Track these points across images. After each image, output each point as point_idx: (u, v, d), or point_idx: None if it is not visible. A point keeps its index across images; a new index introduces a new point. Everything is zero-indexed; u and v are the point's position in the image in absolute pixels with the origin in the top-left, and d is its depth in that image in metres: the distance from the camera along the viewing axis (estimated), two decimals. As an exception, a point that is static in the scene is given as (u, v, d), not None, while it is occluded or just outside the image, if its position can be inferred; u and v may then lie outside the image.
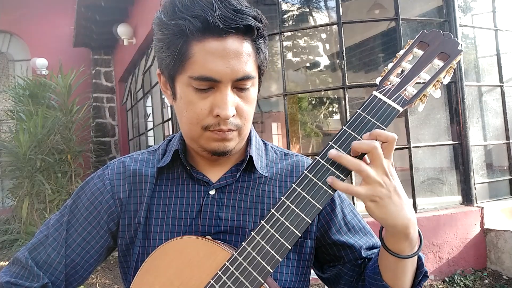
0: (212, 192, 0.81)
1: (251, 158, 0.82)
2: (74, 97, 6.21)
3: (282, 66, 3.85)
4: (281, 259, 0.65)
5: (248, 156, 0.82)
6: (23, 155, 5.38)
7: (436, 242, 3.38)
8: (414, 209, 3.51)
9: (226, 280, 0.66)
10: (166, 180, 0.84)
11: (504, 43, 4.16)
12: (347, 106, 3.65)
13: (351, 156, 0.65)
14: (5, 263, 4.75)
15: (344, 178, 0.66)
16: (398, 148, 3.46)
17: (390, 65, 0.71)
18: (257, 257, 0.65)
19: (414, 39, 0.71)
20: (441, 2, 3.74)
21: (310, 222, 0.65)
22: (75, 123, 6.15)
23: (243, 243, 0.67)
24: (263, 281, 0.64)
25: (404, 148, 3.56)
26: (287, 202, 0.66)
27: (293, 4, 4.82)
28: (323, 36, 5.80)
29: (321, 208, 0.65)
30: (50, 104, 6.13)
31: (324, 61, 6.28)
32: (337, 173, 0.66)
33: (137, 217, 0.81)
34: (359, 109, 0.68)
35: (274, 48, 4.22)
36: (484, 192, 3.88)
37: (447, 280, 3.32)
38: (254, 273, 0.65)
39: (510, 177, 4.06)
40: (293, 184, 0.67)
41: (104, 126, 7.68)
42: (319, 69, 6.56)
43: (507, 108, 4.08)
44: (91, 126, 7.39)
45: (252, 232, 0.66)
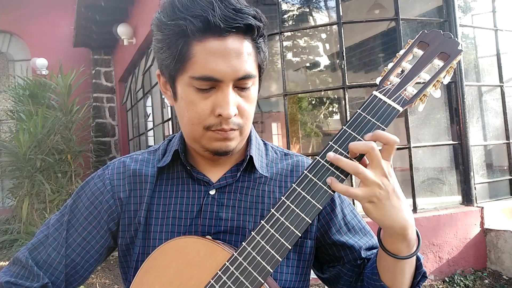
0: (212, 192, 0.81)
1: (251, 158, 0.82)
2: (74, 97, 6.22)
3: (282, 66, 3.85)
4: (281, 259, 0.65)
5: (248, 156, 0.82)
6: (23, 155, 5.38)
7: (436, 242, 3.38)
8: (414, 209, 3.52)
9: (226, 280, 0.66)
10: (166, 180, 0.84)
11: (504, 43, 4.16)
12: (347, 106, 3.65)
13: (350, 157, 0.65)
14: (5, 263, 4.75)
15: (344, 178, 0.66)
16: (398, 148, 3.45)
17: (390, 65, 0.71)
18: (257, 257, 0.65)
19: (414, 39, 0.71)
20: (441, 2, 3.74)
21: (310, 222, 0.65)
22: (75, 123, 6.15)
23: (243, 243, 0.67)
24: (263, 281, 0.64)
25: (404, 148, 3.56)
26: (287, 202, 0.66)
27: (293, 4, 4.82)
28: (323, 36, 5.79)
29: (321, 208, 0.65)
30: (50, 104, 6.13)
31: (324, 61, 6.28)
32: (337, 173, 0.66)
33: (137, 217, 0.81)
34: (359, 109, 0.68)
35: (274, 48, 4.21)
36: (484, 192, 3.87)
37: (447, 280, 3.32)
38: (254, 273, 0.65)
39: (510, 177, 4.06)
40: (293, 184, 0.67)
41: (104, 126, 7.68)
42: (319, 69, 6.56)
43: (507, 108, 4.08)
44: (91, 126, 7.39)
45: (252, 232, 0.66)
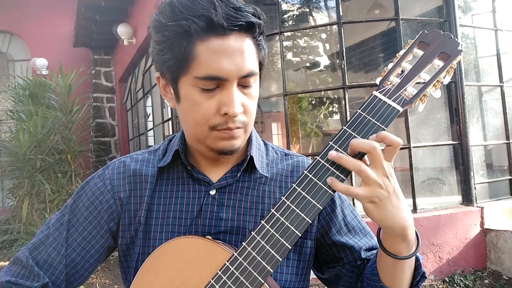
0: (213, 192, 0.81)
1: (252, 158, 0.82)
2: (74, 97, 6.22)
3: (282, 66, 3.85)
4: (281, 259, 0.65)
5: (249, 156, 0.82)
6: (23, 155, 5.38)
7: (436, 242, 3.38)
8: (414, 209, 3.52)
9: (226, 280, 0.66)
10: (167, 180, 0.84)
11: (504, 43, 4.16)
12: (347, 106, 3.65)
13: (351, 156, 0.66)
14: (5, 263, 4.75)
15: (344, 178, 0.66)
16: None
17: (390, 65, 0.71)
18: (257, 257, 0.65)
19: (414, 39, 0.71)
20: (441, 2, 3.74)
21: (310, 222, 0.65)
22: (75, 123, 6.15)
23: (243, 243, 0.67)
24: (263, 281, 0.64)
25: (404, 148, 3.56)
26: (287, 202, 0.66)
27: (293, 4, 4.82)
28: (323, 36, 5.80)
29: (321, 208, 0.65)
30: (50, 104, 6.13)
31: (324, 61, 6.28)
32: (337, 173, 0.66)
33: (138, 217, 0.81)
34: (359, 109, 0.68)
35: (274, 48, 4.21)
36: (484, 192, 3.87)
37: (447, 280, 3.32)
38: (254, 273, 0.65)
39: (510, 177, 4.06)
40: (293, 184, 0.67)
41: (104, 126, 7.68)
42: (319, 69, 6.56)
43: (507, 108, 4.08)
44: (91, 126, 7.39)
45: (252, 232, 0.66)
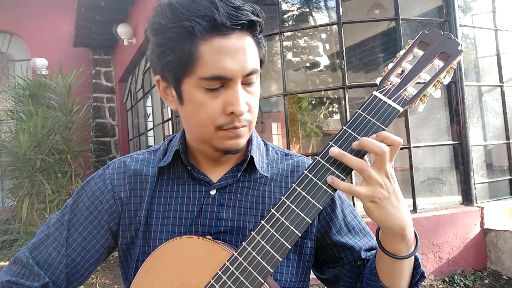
0: (213, 192, 0.81)
1: (252, 158, 0.82)
2: (74, 97, 6.21)
3: (282, 66, 3.84)
4: (281, 259, 0.65)
5: (249, 156, 0.82)
6: (23, 155, 5.38)
7: (436, 242, 3.38)
8: (414, 209, 3.52)
9: (227, 280, 0.66)
10: (167, 180, 0.84)
11: (504, 43, 4.16)
12: (347, 106, 3.64)
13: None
14: (5, 263, 4.75)
15: (344, 178, 0.66)
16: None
17: (391, 65, 0.71)
18: (257, 257, 0.65)
19: (415, 39, 0.71)
20: (441, 2, 3.74)
21: (310, 222, 0.65)
22: (75, 123, 6.15)
23: (243, 243, 0.67)
24: (263, 281, 0.64)
25: (404, 148, 3.56)
26: (287, 202, 0.66)
27: (293, 4, 4.82)
28: (323, 36, 5.80)
29: (321, 208, 0.65)
30: (50, 104, 6.13)
31: (324, 61, 6.28)
32: (337, 173, 0.66)
33: (138, 217, 0.81)
34: (360, 109, 0.68)
35: (274, 48, 4.21)
36: (484, 192, 3.87)
37: (447, 280, 3.32)
38: (254, 273, 0.65)
39: (510, 177, 4.06)
40: (293, 184, 0.67)
41: (104, 126, 7.68)
42: (319, 69, 6.57)
43: (507, 108, 4.08)
44: (91, 126, 7.39)
45: (253, 232, 0.67)
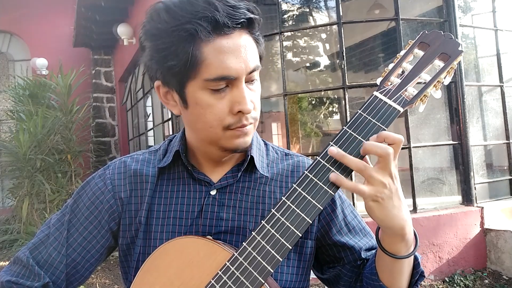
0: (213, 192, 0.81)
1: (252, 158, 0.82)
2: (74, 97, 6.21)
3: (282, 66, 3.84)
4: (282, 259, 0.65)
5: (249, 156, 0.82)
6: (23, 155, 5.38)
7: (436, 242, 3.38)
8: (414, 209, 3.52)
9: (227, 280, 0.66)
10: (167, 180, 0.84)
11: (504, 43, 4.15)
12: (347, 106, 3.64)
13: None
14: (5, 263, 4.75)
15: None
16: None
17: (391, 66, 0.71)
18: (258, 257, 0.65)
19: (415, 40, 0.71)
20: (441, 2, 3.74)
21: (311, 222, 0.65)
22: (75, 123, 6.15)
23: (244, 243, 0.67)
24: (264, 281, 0.64)
25: (404, 148, 3.55)
26: (288, 202, 0.66)
27: (293, 4, 4.82)
28: (323, 36, 5.80)
29: (322, 208, 0.65)
30: (50, 104, 6.13)
31: (324, 61, 6.28)
32: (337, 173, 0.66)
33: (138, 217, 0.81)
34: (360, 110, 0.68)
35: (274, 48, 4.21)
36: (484, 192, 3.87)
37: (447, 280, 3.32)
38: (255, 273, 0.65)
39: (510, 177, 4.06)
40: (294, 184, 0.67)
41: (104, 126, 7.68)
42: (319, 69, 6.57)
43: (507, 108, 4.08)
44: (91, 126, 7.38)
45: (253, 232, 0.67)
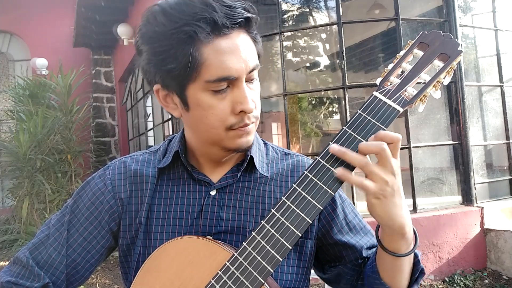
0: (213, 193, 0.81)
1: (252, 158, 0.82)
2: (74, 97, 6.21)
3: (282, 66, 3.85)
4: (282, 259, 0.65)
5: (249, 156, 0.82)
6: (23, 155, 5.38)
7: (436, 242, 3.38)
8: (414, 209, 3.52)
9: (227, 280, 0.66)
10: (167, 181, 0.84)
11: (504, 43, 4.16)
12: (347, 106, 3.65)
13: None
14: (5, 263, 4.75)
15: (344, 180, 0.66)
16: (398, 148, 3.44)
17: (391, 66, 0.71)
18: (258, 257, 0.65)
19: (415, 40, 0.72)
20: (441, 2, 3.74)
21: (311, 222, 0.65)
22: (75, 123, 6.15)
23: (244, 243, 0.67)
24: (264, 281, 0.64)
25: (404, 148, 3.56)
26: (288, 202, 0.66)
27: (293, 4, 4.83)
28: (323, 36, 5.80)
29: (322, 208, 0.65)
30: (50, 104, 6.13)
31: (324, 61, 6.28)
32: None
33: (138, 217, 0.82)
34: (360, 110, 0.68)
35: (274, 48, 4.22)
36: (484, 192, 3.87)
37: (447, 280, 3.32)
38: (255, 273, 0.65)
39: (510, 177, 4.06)
40: (294, 184, 0.67)
41: (104, 126, 7.68)
42: (319, 69, 6.57)
43: (507, 108, 4.08)
44: (91, 126, 7.38)
45: (253, 232, 0.67)
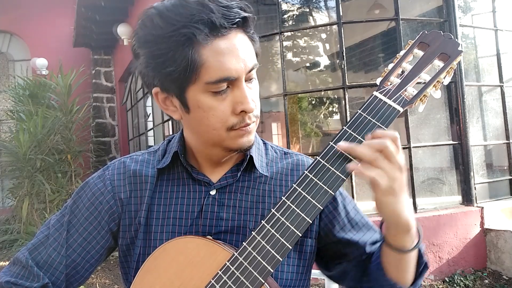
0: (213, 192, 0.81)
1: (251, 158, 0.82)
2: (74, 97, 6.21)
3: (282, 66, 3.85)
4: (282, 259, 0.65)
5: (249, 156, 0.82)
6: (23, 155, 5.38)
7: (436, 242, 3.38)
8: (414, 209, 3.52)
9: (227, 280, 0.66)
10: (167, 181, 0.84)
11: (504, 43, 4.15)
12: (347, 106, 3.65)
13: (351, 158, 0.65)
14: (5, 263, 4.75)
15: (345, 179, 0.66)
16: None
17: (391, 66, 0.71)
18: (258, 257, 0.65)
19: (415, 40, 0.72)
20: (441, 2, 3.74)
21: (311, 222, 0.65)
22: (75, 123, 6.15)
23: (244, 243, 0.67)
24: (264, 281, 0.64)
25: (404, 148, 3.56)
26: (288, 202, 0.66)
27: (293, 4, 4.83)
28: (323, 36, 5.80)
29: (322, 208, 0.65)
30: (50, 104, 6.13)
31: (324, 61, 6.28)
32: (338, 173, 0.66)
33: (138, 217, 0.81)
34: (360, 110, 0.68)
35: (274, 48, 4.21)
36: (484, 192, 3.87)
37: (447, 280, 3.32)
38: (255, 273, 0.65)
39: (510, 177, 4.06)
40: (294, 184, 0.67)
41: (104, 126, 7.67)
42: (319, 69, 6.57)
43: (507, 108, 4.08)
44: (91, 126, 7.38)
45: (253, 232, 0.67)
